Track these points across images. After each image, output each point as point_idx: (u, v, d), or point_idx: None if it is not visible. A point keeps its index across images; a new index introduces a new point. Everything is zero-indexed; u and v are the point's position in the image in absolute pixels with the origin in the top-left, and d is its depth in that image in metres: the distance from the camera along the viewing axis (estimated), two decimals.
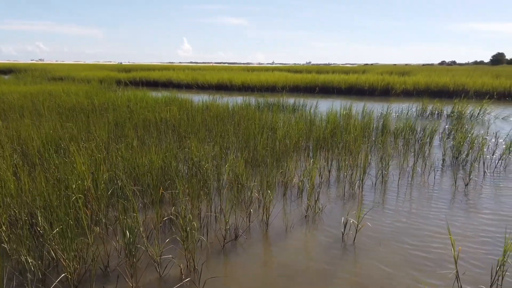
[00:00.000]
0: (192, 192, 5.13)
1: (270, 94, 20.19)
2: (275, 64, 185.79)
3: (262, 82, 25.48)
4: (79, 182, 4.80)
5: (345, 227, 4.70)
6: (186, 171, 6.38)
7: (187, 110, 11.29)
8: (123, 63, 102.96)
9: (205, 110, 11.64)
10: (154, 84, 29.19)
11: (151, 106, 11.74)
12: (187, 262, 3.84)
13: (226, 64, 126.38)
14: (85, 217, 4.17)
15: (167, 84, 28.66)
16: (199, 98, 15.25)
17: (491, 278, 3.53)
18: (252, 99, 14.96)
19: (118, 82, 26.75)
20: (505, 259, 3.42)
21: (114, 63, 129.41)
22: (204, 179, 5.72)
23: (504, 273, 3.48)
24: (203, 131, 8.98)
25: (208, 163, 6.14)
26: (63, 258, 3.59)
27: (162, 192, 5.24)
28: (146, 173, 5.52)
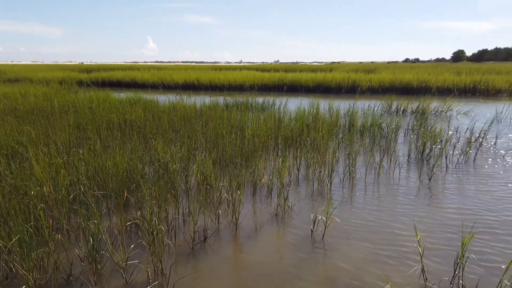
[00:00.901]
0: (159, 195, 5.06)
1: (238, 93, 20.19)
2: (243, 63, 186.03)
3: (230, 81, 25.45)
4: (38, 188, 4.62)
5: (314, 225, 4.78)
6: (152, 173, 6.27)
7: (152, 111, 11.11)
8: (84, 63, 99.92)
9: (172, 111, 11.49)
10: (118, 85, 28.51)
11: (115, 107, 11.46)
12: (154, 266, 3.78)
13: (193, 63, 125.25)
14: (45, 224, 4.02)
15: (132, 85, 28.08)
16: (165, 98, 15.02)
17: (453, 271, 3.69)
18: (220, 99, 14.91)
19: (80, 83, 25.94)
20: (463, 252, 3.59)
21: (75, 63, 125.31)
22: (171, 181, 5.65)
23: (464, 265, 3.65)
24: (170, 132, 8.87)
25: (175, 165, 6.08)
26: (22, 269, 3.45)
27: (127, 196, 5.12)
28: (110, 176, 5.39)
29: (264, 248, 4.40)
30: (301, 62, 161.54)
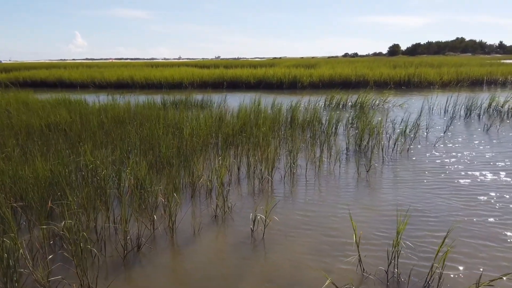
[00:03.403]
0: (87, 203, 4.81)
1: (176, 91, 19.83)
2: (182, 59, 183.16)
3: (167, 78, 24.90)
4: None
5: (254, 224, 4.81)
6: (80, 180, 5.95)
7: (80, 112, 10.56)
8: (3, 62, 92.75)
9: (103, 112, 10.99)
10: (42, 85, 26.77)
11: (36, 110, 10.73)
12: (81, 280, 3.58)
13: (128, 60, 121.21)
14: None
15: (58, 84, 26.43)
16: (96, 99, 14.37)
17: (388, 259, 3.90)
18: (157, 97, 14.55)
19: None
20: (398, 240, 3.80)
21: None
22: (102, 187, 5.40)
23: (398, 253, 3.86)
24: (100, 134, 8.47)
25: (106, 169, 5.82)
26: None
27: (50, 206, 4.81)
28: (30, 186, 5.03)
29: (203, 252, 4.35)
30: (243, 58, 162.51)
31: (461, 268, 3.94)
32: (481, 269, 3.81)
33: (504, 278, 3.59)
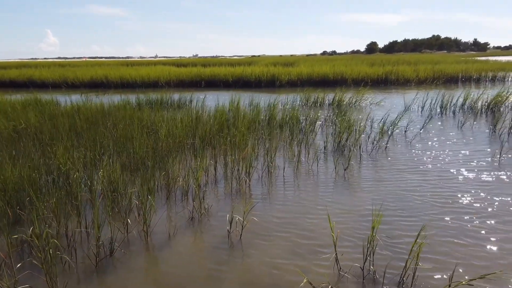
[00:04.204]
0: (58, 207, 4.69)
1: (152, 91, 19.60)
2: (159, 57, 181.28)
3: (143, 77, 24.58)
4: None
5: (231, 225, 4.79)
6: (51, 184, 5.80)
7: (51, 113, 10.30)
8: None
9: (76, 113, 10.76)
10: (11, 85, 26.05)
11: (4, 111, 10.41)
12: None
13: (103, 59, 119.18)
14: None
15: (29, 84, 25.73)
16: (68, 99, 14.06)
17: (363, 256, 3.94)
18: (132, 97, 14.34)
19: None
20: (374, 235, 3.85)
21: None
22: (73, 191, 5.27)
23: (374, 250, 3.91)
24: (73, 136, 8.28)
25: (78, 172, 5.69)
26: None
27: (19, 212, 4.67)
28: None
29: (179, 255, 4.31)
30: (221, 56, 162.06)
31: (436, 266, 4.00)
32: (456, 268, 3.88)
33: (472, 280, 3.68)
